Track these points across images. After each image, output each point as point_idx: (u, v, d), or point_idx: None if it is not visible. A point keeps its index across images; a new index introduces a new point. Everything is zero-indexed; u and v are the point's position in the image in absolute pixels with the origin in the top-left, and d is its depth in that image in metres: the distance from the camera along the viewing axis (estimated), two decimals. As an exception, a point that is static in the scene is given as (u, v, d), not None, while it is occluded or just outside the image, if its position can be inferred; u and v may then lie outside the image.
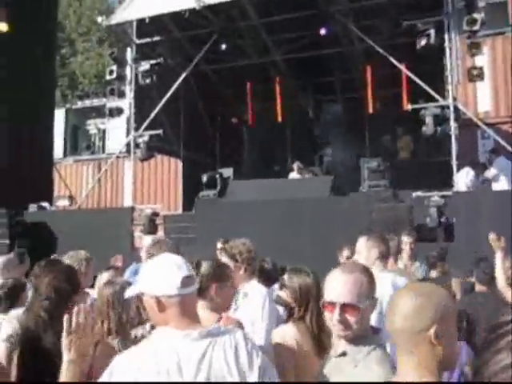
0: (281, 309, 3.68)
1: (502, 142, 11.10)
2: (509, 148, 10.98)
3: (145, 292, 2.20)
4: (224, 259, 4.06)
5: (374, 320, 2.83)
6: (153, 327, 2.73)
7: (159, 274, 2.18)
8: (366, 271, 2.31)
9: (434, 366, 1.71)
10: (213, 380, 2.07)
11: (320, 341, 3.05)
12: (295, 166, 12.77)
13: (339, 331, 2.22)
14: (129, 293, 2.32)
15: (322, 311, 2.41)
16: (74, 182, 18.11)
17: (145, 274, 2.23)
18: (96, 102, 19.77)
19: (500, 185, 11.21)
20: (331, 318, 2.22)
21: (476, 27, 10.40)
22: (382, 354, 2.19)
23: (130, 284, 3.70)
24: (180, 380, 2.07)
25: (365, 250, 4.18)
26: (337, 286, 2.22)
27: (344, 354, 2.23)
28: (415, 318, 1.72)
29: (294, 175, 12.86)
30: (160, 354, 2.12)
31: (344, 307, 2.18)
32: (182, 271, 2.16)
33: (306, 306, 3.22)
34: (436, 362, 1.72)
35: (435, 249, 5.88)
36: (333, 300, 2.21)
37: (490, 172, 11.45)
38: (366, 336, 2.23)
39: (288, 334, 3.13)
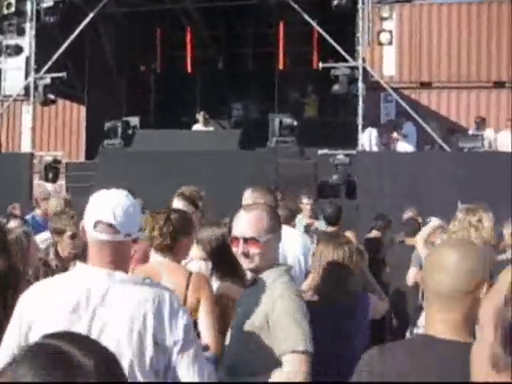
0: None
1: (405, 106, 11.55)
2: (410, 112, 11.45)
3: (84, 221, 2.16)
4: (181, 205, 4.02)
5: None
6: None
7: (91, 207, 2.12)
8: (267, 209, 2.53)
9: (472, 324, 1.67)
10: (126, 328, 2.00)
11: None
12: (200, 116, 12.60)
13: (244, 263, 2.46)
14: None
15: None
16: (-35, 124, 16.91)
17: (91, 203, 2.15)
18: (-8, 38, 18.38)
19: (403, 147, 11.74)
20: (237, 252, 2.45)
21: (387, -9, 10.63)
22: (287, 280, 2.44)
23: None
24: (85, 316, 2.01)
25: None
26: (240, 223, 2.46)
27: (254, 281, 2.47)
28: (468, 277, 1.67)
29: (198, 126, 12.71)
30: (72, 286, 2.06)
31: (246, 241, 2.40)
32: (105, 215, 2.07)
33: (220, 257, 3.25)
34: (474, 319, 1.65)
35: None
36: (237, 235, 2.45)
37: (397, 134, 11.95)
38: (271, 267, 2.45)
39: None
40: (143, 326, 2.02)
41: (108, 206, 2.09)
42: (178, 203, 4.27)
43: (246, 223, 2.44)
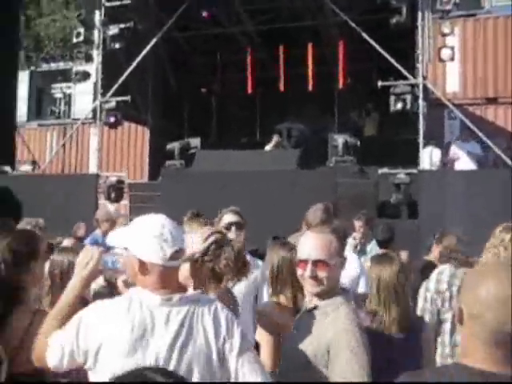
0: None
1: (468, 123, 11.25)
2: (474, 129, 11.14)
3: (130, 249, 2.18)
4: (235, 219, 4.12)
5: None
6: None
7: (151, 239, 2.14)
8: (335, 232, 2.51)
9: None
10: (190, 346, 2.07)
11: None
12: (275, 138, 12.66)
13: (311, 287, 2.42)
14: (110, 241, 2.28)
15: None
16: (37, 147, 17.71)
17: (136, 232, 2.17)
18: (62, 65, 19.25)
19: (465, 165, 11.41)
20: (303, 275, 2.42)
21: (448, 7, 10.44)
22: (350, 309, 2.39)
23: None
24: (152, 343, 2.05)
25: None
26: (309, 245, 2.43)
27: (315, 307, 2.42)
28: (506, 309, 1.54)
29: (269, 147, 12.77)
30: (135, 313, 2.10)
31: (315, 263, 2.38)
32: (175, 244, 2.15)
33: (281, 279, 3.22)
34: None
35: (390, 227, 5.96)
36: (305, 257, 2.41)
37: (455, 152, 11.65)
38: (335, 293, 2.42)
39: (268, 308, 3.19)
40: (206, 342, 2.09)
41: (178, 232, 2.18)
42: (231, 217, 4.34)
43: (315, 245, 2.42)
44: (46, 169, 14.73)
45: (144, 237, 2.14)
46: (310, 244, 2.44)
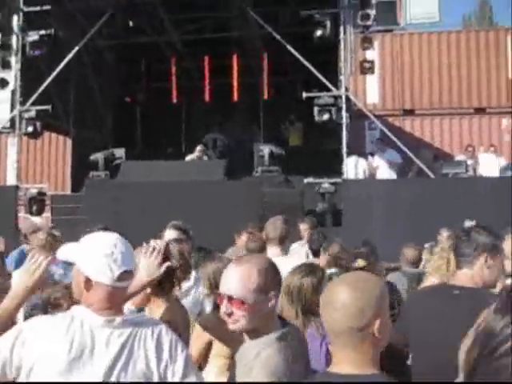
0: None
1: (388, 133, 11.69)
2: (393, 139, 11.58)
3: (77, 265, 2.13)
4: (175, 235, 4.09)
5: None
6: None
7: (100, 258, 2.09)
8: (260, 264, 2.16)
9: (376, 357, 1.73)
10: (130, 370, 2.04)
11: None
12: (198, 148, 12.61)
13: (228, 324, 2.14)
14: (60, 255, 2.20)
15: None
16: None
17: (86, 248, 2.13)
18: (-23, 72, 18.40)
19: (386, 174, 11.84)
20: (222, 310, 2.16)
21: (369, 22, 10.82)
22: (270, 355, 2.06)
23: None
24: (89, 364, 2.02)
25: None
26: (226, 278, 2.14)
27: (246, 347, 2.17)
28: (359, 314, 1.67)
29: (192, 157, 12.72)
30: (75, 332, 2.05)
31: (230, 300, 2.10)
32: (124, 265, 2.10)
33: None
34: (377, 352, 1.73)
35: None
36: (221, 292, 2.15)
37: (375, 161, 12.08)
38: (265, 332, 2.12)
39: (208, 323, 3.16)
40: (147, 366, 2.06)
41: (128, 252, 2.14)
42: (171, 233, 4.32)
43: (231, 280, 2.12)
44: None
45: (94, 254, 2.10)
46: (226, 277, 2.14)
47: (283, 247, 4.60)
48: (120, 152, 12.54)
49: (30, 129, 11.86)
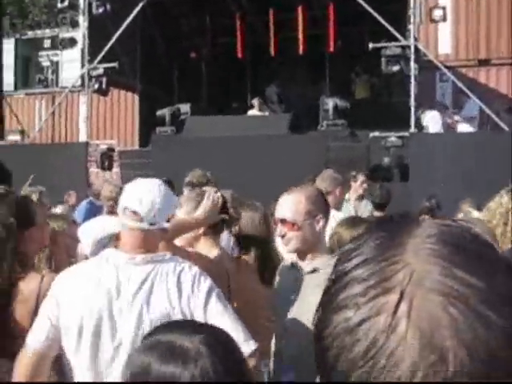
0: None
1: (461, 85, 11.16)
2: (467, 91, 11.06)
3: None
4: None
5: None
6: None
7: (121, 202, 2.24)
8: (309, 192, 2.48)
9: None
10: (152, 305, 2.09)
11: (262, 274, 3.08)
12: (256, 101, 12.57)
13: (284, 245, 2.47)
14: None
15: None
16: (25, 116, 17.49)
17: (125, 189, 2.28)
18: (48, 32, 18.87)
19: (465, 128, 11.37)
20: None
21: (440, -34, 10.26)
22: None
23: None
24: (116, 303, 2.08)
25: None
26: (279, 205, 2.48)
27: (314, 270, 2.36)
28: None
29: (254, 112, 12.69)
30: (102, 272, 2.14)
31: (283, 223, 2.39)
32: (132, 203, 2.17)
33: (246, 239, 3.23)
34: None
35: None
36: (276, 216, 2.48)
37: (461, 114, 11.57)
38: (322, 254, 2.38)
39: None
40: (168, 300, 2.10)
41: (137, 194, 2.18)
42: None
43: (283, 205, 2.45)
44: (35, 138, 14.58)
45: (120, 200, 2.24)
46: (280, 203, 2.48)
47: (331, 199, 4.37)
48: (186, 107, 12.64)
49: (99, 86, 12.11)
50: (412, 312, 0.50)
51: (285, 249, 2.50)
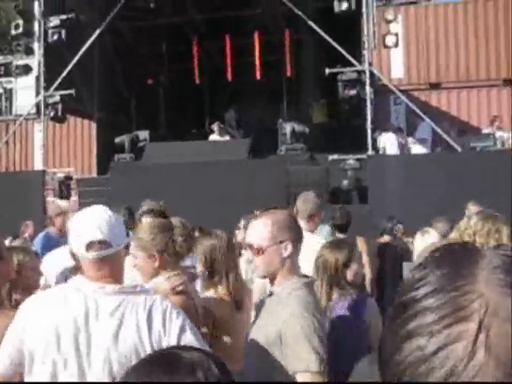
0: None
1: (414, 108, 11.49)
2: (420, 113, 11.38)
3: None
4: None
5: None
6: None
7: (74, 230, 2.19)
8: (277, 216, 2.40)
9: None
10: (121, 338, 2.05)
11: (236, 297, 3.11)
12: (215, 126, 12.63)
13: (255, 272, 2.47)
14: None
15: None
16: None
17: (72, 225, 2.23)
18: (1, 59, 18.58)
19: (419, 149, 11.67)
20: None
21: (392, -6, 10.61)
22: (304, 293, 2.32)
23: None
24: (83, 331, 2.05)
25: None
26: (248, 229, 2.47)
27: (271, 294, 2.41)
28: None
29: (214, 137, 12.73)
30: (70, 299, 2.10)
31: (251, 248, 2.38)
32: (92, 235, 2.13)
33: (214, 267, 3.26)
34: None
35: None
36: (246, 242, 2.47)
37: (414, 136, 11.88)
38: (289, 278, 2.35)
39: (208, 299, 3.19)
40: (137, 335, 2.04)
41: (94, 224, 2.13)
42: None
43: (251, 230, 2.43)
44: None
45: (74, 227, 2.20)
46: (249, 228, 2.47)
47: (313, 223, 4.32)
48: (144, 134, 12.59)
49: (55, 113, 11.96)
50: (489, 341, 0.52)
51: (255, 274, 2.51)
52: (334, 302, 3.19)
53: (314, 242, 3.63)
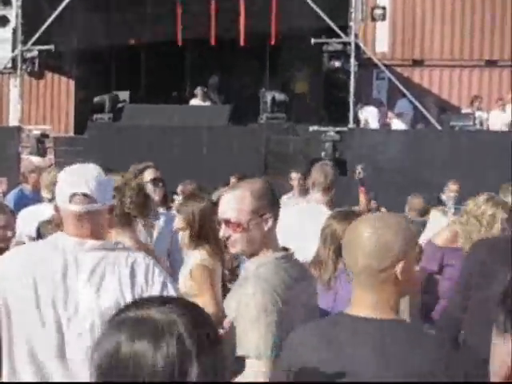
0: None
1: (396, 83, 11.49)
2: (402, 89, 11.39)
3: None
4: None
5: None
6: None
7: (59, 183, 2.16)
8: (254, 187, 2.18)
9: (394, 301, 1.67)
10: (102, 293, 2.04)
11: (224, 261, 3.11)
12: (199, 91, 12.46)
13: (229, 248, 2.21)
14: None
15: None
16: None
17: (59, 178, 2.20)
18: (-22, 9, 17.98)
19: (398, 125, 11.71)
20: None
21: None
22: (267, 271, 2.09)
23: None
24: (62, 288, 2.02)
25: None
26: (222, 204, 2.19)
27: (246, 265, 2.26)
28: (381, 255, 1.62)
29: (196, 101, 12.58)
30: (50, 254, 2.07)
31: (227, 223, 2.13)
32: (75, 187, 2.09)
33: (201, 229, 3.25)
34: (397, 296, 1.68)
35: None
36: (219, 217, 2.20)
37: (392, 112, 11.92)
38: (264, 253, 2.15)
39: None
40: (119, 288, 2.03)
41: (81, 178, 2.11)
42: (152, 174, 4.33)
43: (226, 204, 2.17)
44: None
45: (60, 180, 2.18)
46: (222, 202, 2.20)
47: (329, 196, 4.23)
48: (124, 95, 12.38)
49: (32, 69, 11.67)
50: None
51: (231, 251, 2.25)
52: (339, 272, 3.16)
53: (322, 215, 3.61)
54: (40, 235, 3.57)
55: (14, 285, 2.05)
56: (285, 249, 2.24)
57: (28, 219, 4.16)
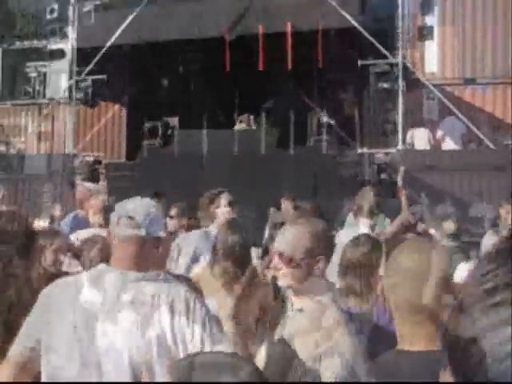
0: None
1: (447, 103, 11.28)
2: (453, 109, 11.18)
3: None
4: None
5: None
6: None
7: (116, 208, 2.23)
8: (313, 227, 2.25)
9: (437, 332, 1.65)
10: (142, 328, 2.00)
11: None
12: (245, 118, 12.57)
13: (279, 280, 2.24)
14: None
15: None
16: (11, 128, 17.32)
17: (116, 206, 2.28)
18: (36, 43, 18.76)
19: (449, 145, 11.48)
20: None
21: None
22: (337, 311, 2.20)
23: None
24: (101, 320, 2.02)
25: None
26: (280, 236, 2.28)
27: (301, 309, 2.23)
28: (421, 287, 1.64)
29: (241, 126, 12.68)
30: (89, 288, 2.08)
31: (281, 256, 2.20)
32: (128, 211, 2.13)
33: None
34: (437, 325, 1.65)
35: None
36: (275, 248, 2.27)
37: (438, 132, 11.71)
38: (315, 292, 2.21)
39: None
40: (159, 325, 2.00)
41: (130, 204, 2.16)
42: (228, 198, 4.48)
43: (283, 237, 2.26)
44: (19, 149, 14.45)
45: (113, 215, 2.22)
46: (281, 235, 2.29)
47: (373, 220, 4.40)
48: (174, 121, 12.62)
49: (86, 98, 12.07)
50: None
51: (280, 283, 2.27)
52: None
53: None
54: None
55: (54, 320, 2.07)
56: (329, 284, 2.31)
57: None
